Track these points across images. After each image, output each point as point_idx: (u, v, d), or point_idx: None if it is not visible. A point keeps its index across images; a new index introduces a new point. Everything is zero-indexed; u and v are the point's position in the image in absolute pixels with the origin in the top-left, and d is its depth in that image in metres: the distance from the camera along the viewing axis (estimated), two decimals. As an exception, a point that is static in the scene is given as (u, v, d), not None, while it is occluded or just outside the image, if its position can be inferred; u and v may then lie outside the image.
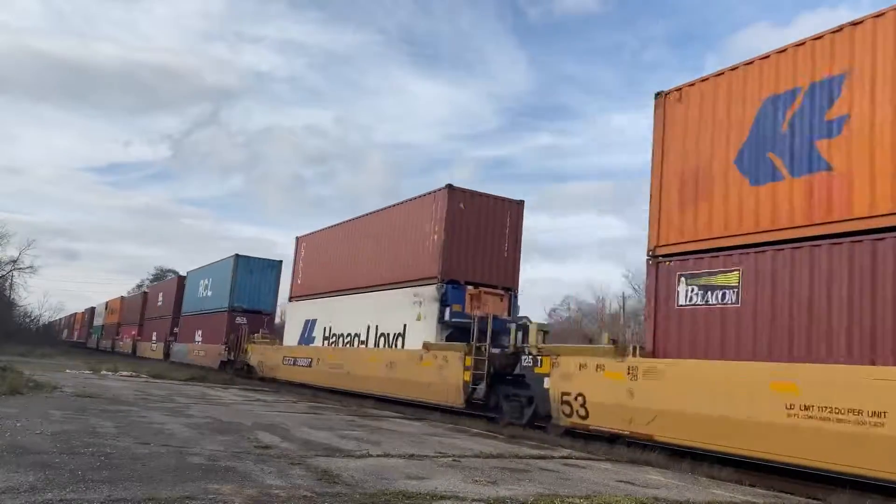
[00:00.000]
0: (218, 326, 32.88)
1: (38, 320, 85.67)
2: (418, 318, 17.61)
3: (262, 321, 31.92)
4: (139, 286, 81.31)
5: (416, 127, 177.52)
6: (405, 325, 18.19)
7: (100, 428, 9.12)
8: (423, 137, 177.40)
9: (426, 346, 16.77)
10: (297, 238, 27.23)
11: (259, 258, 33.75)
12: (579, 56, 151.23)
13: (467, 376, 15.02)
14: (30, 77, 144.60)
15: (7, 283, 65.44)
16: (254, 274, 33.06)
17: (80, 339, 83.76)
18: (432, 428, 12.93)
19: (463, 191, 17.82)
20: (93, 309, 78.90)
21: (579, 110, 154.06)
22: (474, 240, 17.72)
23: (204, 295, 36.49)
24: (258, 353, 27.90)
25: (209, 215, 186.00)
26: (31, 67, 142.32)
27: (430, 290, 17.25)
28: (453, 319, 16.74)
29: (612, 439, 11.51)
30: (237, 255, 32.90)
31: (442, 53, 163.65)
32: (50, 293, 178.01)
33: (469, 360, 15.06)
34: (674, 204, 11.45)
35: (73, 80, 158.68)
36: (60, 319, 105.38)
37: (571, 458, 9.94)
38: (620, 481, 7.95)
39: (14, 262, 62.55)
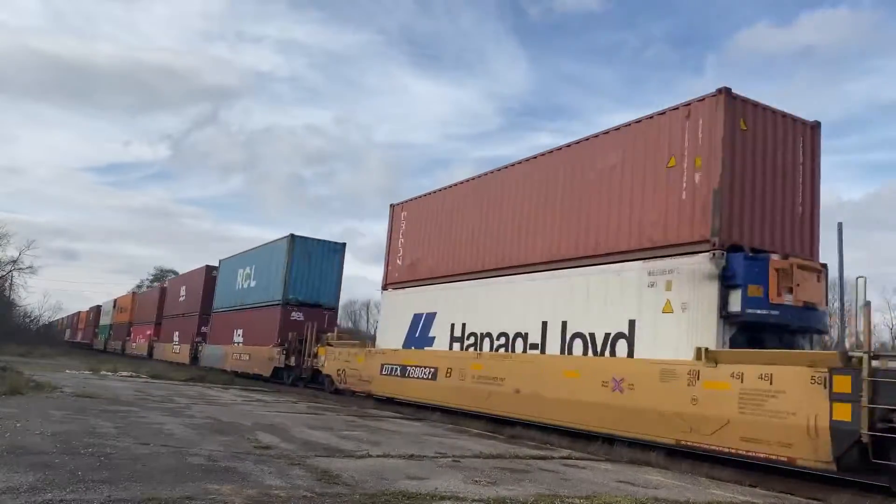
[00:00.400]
0: (267, 324, 26.98)
1: (38, 320, 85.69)
2: (666, 310, 11.12)
3: (324, 318, 26.23)
4: (139, 286, 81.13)
5: (416, 127, 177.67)
6: (632, 322, 11.66)
7: (100, 428, 9.11)
8: (424, 137, 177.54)
9: (707, 355, 10.00)
10: (394, 206, 21.02)
11: (319, 239, 27.86)
12: (579, 55, 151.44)
13: (843, 413, 8.23)
14: (29, 76, 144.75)
15: (7, 284, 65.47)
16: (312, 259, 27.17)
17: (84, 339, 78.27)
18: (432, 428, 12.93)
19: (745, 101, 11.23)
20: (99, 307, 73.73)
21: (579, 110, 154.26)
22: (760, 182, 11.26)
23: (245, 286, 30.62)
24: (337, 359, 21.47)
25: (209, 215, 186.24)
26: (30, 67, 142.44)
27: (701, 264, 10.63)
28: (751, 310, 10.22)
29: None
30: (293, 236, 26.86)
31: (442, 53, 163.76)
32: (50, 293, 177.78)
33: (844, 384, 8.28)
34: None
35: (72, 80, 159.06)
36: (62, 319, 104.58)
37: (571, 458, 9.93)
38: (620, 482, 7.95)
39: (14, 262, 62.63)
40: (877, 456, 7.83)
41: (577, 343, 12.69)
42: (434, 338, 17.19)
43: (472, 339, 15.78)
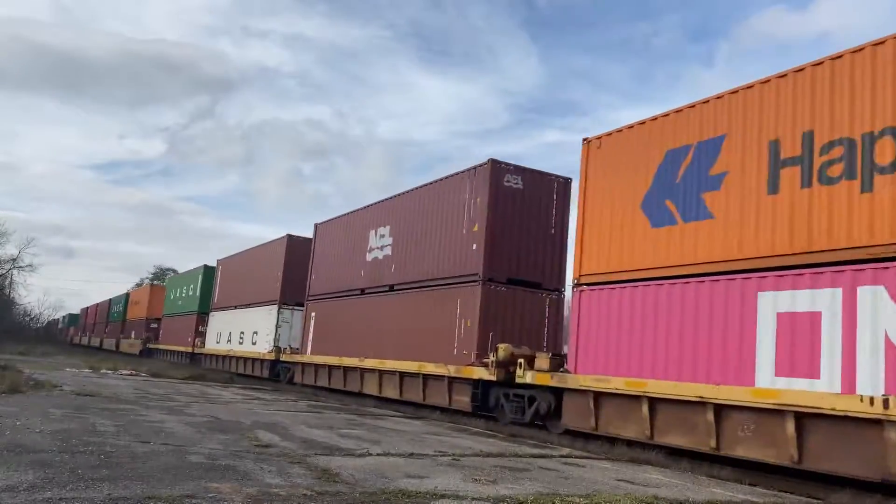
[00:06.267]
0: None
1: (38, 319, 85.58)
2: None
3: None
4: (138, 285, 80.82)
5: (421, 123, 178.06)
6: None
7: (99, 426, 9.11)
8: (429, 134, 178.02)
9: None
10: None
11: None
12: (590, 50, 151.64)
13: None
14: (27, 69, 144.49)
15: (7, 282, 65.50)
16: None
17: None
18: (432, 427, 12.93)
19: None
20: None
21: (588, 106, 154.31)
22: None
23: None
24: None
25: (208, 212, 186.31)
26: (28, 59, 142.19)
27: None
28: None
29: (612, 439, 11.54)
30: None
31: (451, 48, 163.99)
32: (49, 291, 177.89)
33: None
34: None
35: (70, 73, 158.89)
36: (64, 317, 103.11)
37: (571, 456, 9.94)
38: (620, 480, 7.95)
39: (13, 260, 62.67)
40: None
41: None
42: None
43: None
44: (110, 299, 66.02)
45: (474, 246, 15.67)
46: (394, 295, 18.74)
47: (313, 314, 23.54)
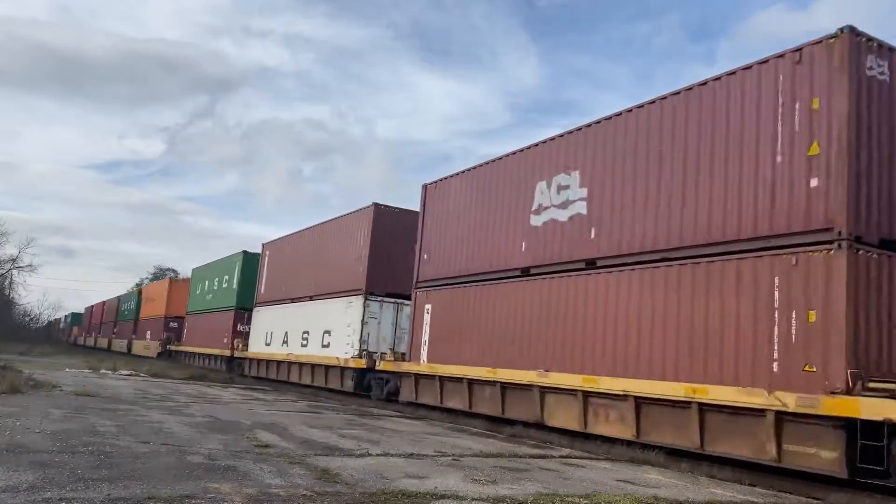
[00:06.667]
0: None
1: (38, 319, 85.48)
2: None
3: None
4: (138, 285, 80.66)
5: (422, 123, 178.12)
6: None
7: (99, 427, 9.11)
8: (429, 133, 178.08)
9: None
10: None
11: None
12: (590, 49, 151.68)
13: None
14: (27, 68, 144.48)
15: (7, 282, 65.52)
16: None
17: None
18: (432, 427, 12.93)
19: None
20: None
21: (589, 105, 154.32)
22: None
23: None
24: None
25: (208, 212, 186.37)
26: (28, 59, 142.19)
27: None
28: None
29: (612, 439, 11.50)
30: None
31: (452, 48, 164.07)
32: (49, 291, 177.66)
33: None
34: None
35: (72, 73, 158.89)
36: (66, 316, 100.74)
37: (571, 457, 9.94)
38: (620, 480, 7.95)
39: (13, 260, 62.68)
40: None
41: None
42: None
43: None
44: (119, 296, 61.81)
45: (814, 179, 9.04)
46: (598, 275, 12.15)
47: (428, 307, 17.06)
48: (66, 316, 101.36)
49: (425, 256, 17.71)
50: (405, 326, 19.14)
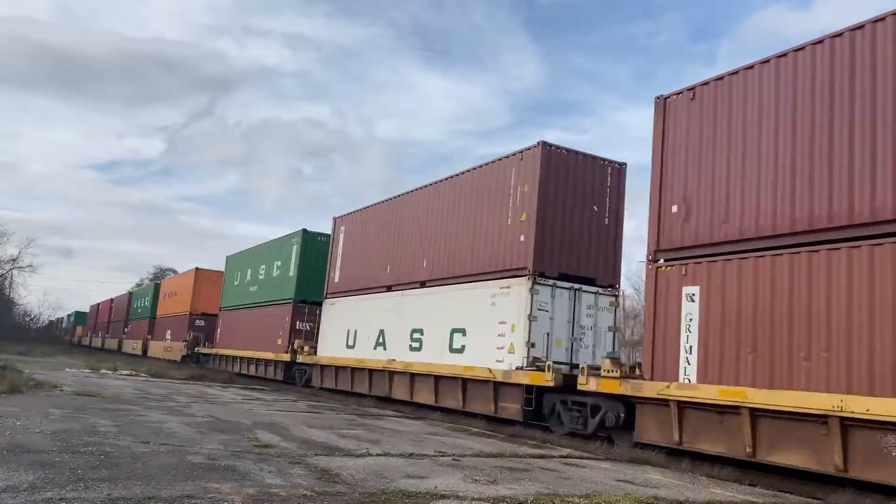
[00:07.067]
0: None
1: (38, 319, 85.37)
2: None
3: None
4: (138, 285, 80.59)
5: (422, 122, 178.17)
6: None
7: (99, 427, 9.12)
8: (429, 133, 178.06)
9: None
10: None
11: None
12: (591, 49, 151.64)
13: None
14: (26, 68, 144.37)
15: (7, 282, 65.55)
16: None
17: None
18: (432, 427, 12.93)
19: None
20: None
21: (589, 106, 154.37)
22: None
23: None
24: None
25: (208, 212, 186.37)
26: (27, 58, 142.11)
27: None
28: None
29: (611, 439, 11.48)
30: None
31: (453, 48, 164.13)
32: (49, 291, 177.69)
33: None
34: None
35: (71, 73, 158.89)
36: (69, 315, 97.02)
37: (571, 457, 9.94)
38: (620, 480, 7.95)
39: (14, 260, 62.70)
40: None
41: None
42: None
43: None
44: (130, 292, 58.03)
45: None
46: None
47: (692, 292, 10.41)
48: (68, 315, 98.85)
49: (675, 209, 11.10)
50: (585, 324, 14.43)
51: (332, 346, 21.75)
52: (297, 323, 24.61)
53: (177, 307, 39.76)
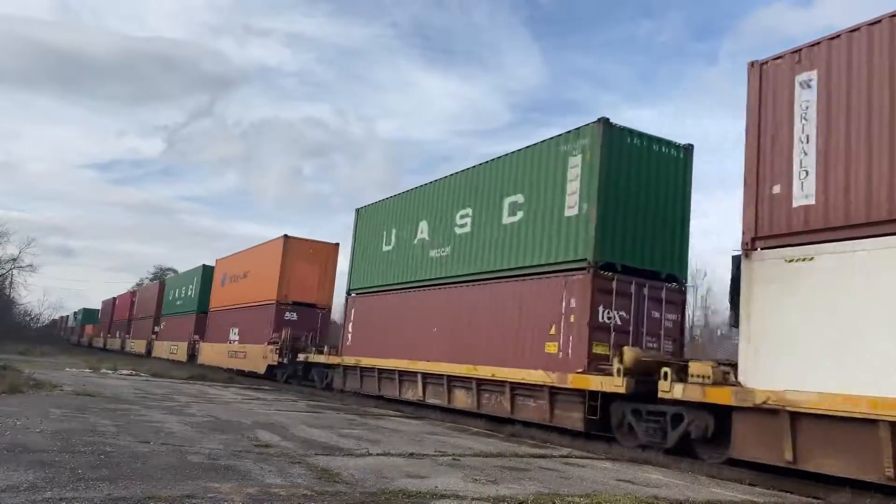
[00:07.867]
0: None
1: (39, 318, 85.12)
2: None
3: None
4: (139, 284, 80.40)
5: (423, 122, 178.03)
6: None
7: (99, 426, 9.11)
8: (431, 133, 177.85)
9: None
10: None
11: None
12: (592, 49, 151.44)
13: None
14: (26, 67, 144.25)
15: (7, 282, 65.54)
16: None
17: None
18: (432, 427, 12.93)
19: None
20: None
21: (590, 105, 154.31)
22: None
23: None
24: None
25: (208, 212, 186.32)
26: (28, 57, 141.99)
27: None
28: None
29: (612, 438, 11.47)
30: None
31: (453, 47, 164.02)
32: (49, 291, 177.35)
33: None
34: None
35: (72, 72, 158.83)
36: (76, 313, 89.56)
37: (571, 456, 9.93)
38: (620, 480, 7.94)
39: (14, 260, 62.69)
40: None
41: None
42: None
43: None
44: (162, 279, 48.38)
45: None
46: None
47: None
48: (74, 313, 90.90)
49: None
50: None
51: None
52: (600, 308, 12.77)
53: (249, 295, 28.77)
